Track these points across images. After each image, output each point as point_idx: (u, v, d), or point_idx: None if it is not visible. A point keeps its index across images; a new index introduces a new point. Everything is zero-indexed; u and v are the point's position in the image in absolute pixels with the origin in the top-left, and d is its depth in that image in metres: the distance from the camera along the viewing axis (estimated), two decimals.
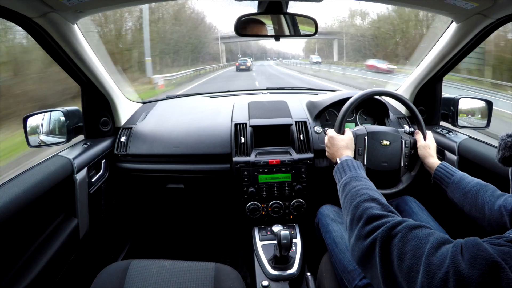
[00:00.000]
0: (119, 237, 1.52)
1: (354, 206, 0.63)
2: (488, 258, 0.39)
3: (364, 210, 0.60)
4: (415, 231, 0.50)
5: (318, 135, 1.27)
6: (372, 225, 0.56)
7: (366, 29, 30.42)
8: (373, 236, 0.53)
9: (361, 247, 0.55)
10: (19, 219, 0.78)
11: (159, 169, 1.28)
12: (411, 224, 0.52)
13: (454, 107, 1.25)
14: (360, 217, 0.59)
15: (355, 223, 0.60)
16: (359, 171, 0.76)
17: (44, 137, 1.12)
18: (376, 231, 0.54)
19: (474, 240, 0.43)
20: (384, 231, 0.52)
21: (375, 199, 0.64)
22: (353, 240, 0.59)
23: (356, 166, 0.78)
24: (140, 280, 0.85)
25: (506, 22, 0.92)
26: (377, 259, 0.51)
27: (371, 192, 0.66)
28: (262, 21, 1.00)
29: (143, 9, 12.99)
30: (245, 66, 22.56)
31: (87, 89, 1.20)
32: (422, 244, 0.47)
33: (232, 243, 1.65)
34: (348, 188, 0.70)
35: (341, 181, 0.75)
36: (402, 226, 0.51)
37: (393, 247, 0.49)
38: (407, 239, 0.49)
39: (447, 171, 0.87)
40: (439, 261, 0.43)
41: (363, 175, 0.75)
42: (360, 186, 0.69)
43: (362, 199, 0.64)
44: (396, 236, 0.50)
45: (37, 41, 0.93)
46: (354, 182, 0.71)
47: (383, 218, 0.56)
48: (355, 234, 0.58)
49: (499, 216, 0.70)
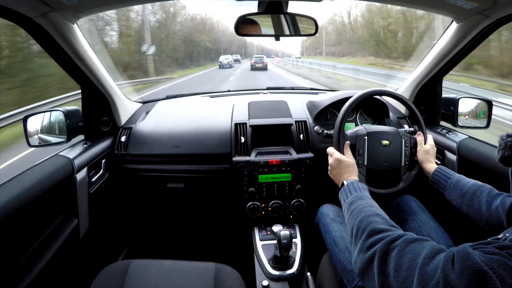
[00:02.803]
0: (119, 237, 1.52)
1: (359, 221, 0.65)
2: (475, 268, 0.41)
3: (368, 224, 0.62)
4: (412, 244, 0.51)
5: (318, 135, 1.27)
6: (374, 238, 0.57)
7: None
8: (373, 249, 0.55)
9: (362, 259, 0.57)
10: (19, 219, 0.78)
11: (159, 169, 1.28)
12: (409, 238, 0.53)
13: (454, 107, 1.25)
14: (364, 230, 0.61)
15: (359, 236, 0.62)
16: (364, 192, 0.78)
17: (44, 137, 1.12)
18: (377, 244, 0.55)
19: (464, 249, 0.45)
20: (384, 245, 0.54)
21: (379, 215, 0.65)
22: (356, 252, 0.60)
23: (362, 188, 0.80)
24: (140, 280, 0.85)
25: (506, 22, 0.92)
26: (375, 270, 0.52)
27: (375, 209, 0.69)
28: (262, 20, 1.00)
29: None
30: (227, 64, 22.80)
31: (87, 89, 1.20)
32: (418, 255, 0.48)
33: (232, 243, 1.65)
34: (354, 206, 0.72)
35: (347, 200, 0.77)
36: (401, 240, 0.53)
37: (390, 260, 0.51)
38: (404, 252, 0.50)
39: (444, 174, 0.88)
40: (432, 271, 0.44)
41: (369, 196, 0.77)
42: (365, 204, 0.71)
43: (367, 214, 0.66)
44: (395, 250, 0.52)
45: (37, 41, 0.92)
46: (360, 201, 0.73)
47: (385, 232, 0.58)
48: (358, 246, 0.60)
49: (496, 216, 0.71)
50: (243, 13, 0.96)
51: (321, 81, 12.19)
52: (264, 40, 48.19)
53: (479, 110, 1.24)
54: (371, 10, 25.00)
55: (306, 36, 1.05)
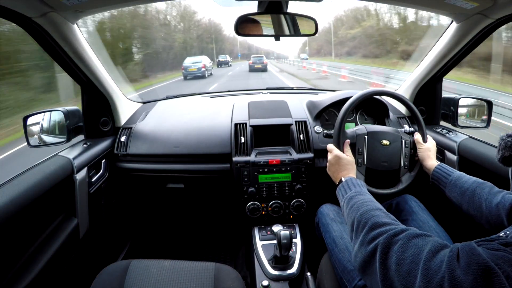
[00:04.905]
0: (119, 237, 1.52)
1: (360, 215, 0.64)
2: (481, 263, 0.40)
3: (369, 217, 0.62)
4: (416, 239, 0.51)
5: (318, 135, 1.27)
6: (376, 232, 0.57)
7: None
8: (375, 242, 0.55)
9: (363, 252, 0.56)
10: (19, 219, 0.78)
11: (159, 169, 1.28)
12: (413, 232, 0.53)
13: (454, 107, 1.25)
14: (365, 224, 0.61)
15: (360, 230, 0.61)
16: (363, 189, 0.78)
17: (44, 137, 1.12)
18: (379, 237, 0.55)
19: (469, 245, 0.44)
20: (386, 238, 0.53)
21: (380, 209, 0.65)
22: (357, 246, 0.60)
23: (360, 184, 0.80)
24: (140, 280, 0.85)
25: (506, 22, 0.92)
26: (377, 264, 0.52)
27: (376, 204, 0.68)
28: (262, 20, 1.00)
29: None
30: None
31: (87, 89, 1.20)
32: (421, 250, 0.48)
33: (232, 243, 1.65)
34: (354, 200, 0.72)
35: (345, 195, 0.77)
36: (404, 234, 0.53)
37: (392, 253, 0.50)
38: (407, 246, 0.50)
39: (445, 171, 0.88)
40: (437, 266, 0.44)
41: (367, 192, 0.77)
42: (365, 199, 0.70)
43: (368, 208, 0.65)
44: (397, 243, 0.51)
45: (37, 41, 0.92)
46: (360, 196, 0.73)
47: (387, 226, 0.57)
48: (359, 240, 0.59)
49: (497, 213, 0.70)
50: (243, 13, 0.96)
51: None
52: (252, 40, 43.31)
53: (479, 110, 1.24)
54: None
55: (306, 36, 1.05)
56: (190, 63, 15.00)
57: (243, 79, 14.67)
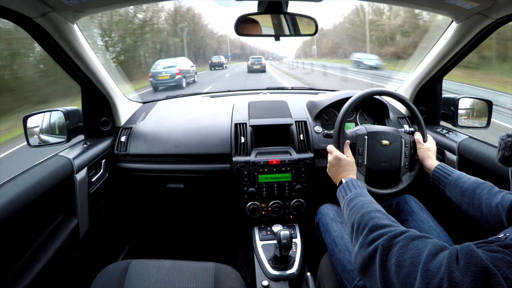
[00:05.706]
0: (119, 237, 1.52)
1: (360, 216, 0.64)
2: (480, 265, 0.40)
3: (370, 219, 0.62)
4: (415, 241, 0.51)
5: (318, 135, 1.27)
6: (376, 233, 0.57)
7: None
8: (375, 244, 0.55)
9: (363, 254, 0.56)
10: (19, 219, 0.78)
11: (159, 169, 1.28)
12: (412, 234, 0.53)
13: (454, 107, 1.25)
14: (365, 226, 0.61)
15: (360, 232, 0.61)
16: (363, 190, 0.78)
17: (44, 137, 1.12)
18: (379, 239, 0.55)
19: (468, 247, 0.45)
20: (386, 240, 0.53)
21: (380, 211, 0.65)
22: (357, 248, 0.60)
23: (361, 185, 0.80)
24: (140, 280, 0.85)
25: (506, 22, 0.92)
26: (377, 266, 0.52)
27: (376, 206, 0.68)
28: (262, 20, 1.00)
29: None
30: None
31: (87, 89, 1.20)
32: (421, 252, 0.48)
33: (232, 243, 1.65)
34: (354, 202, 0.72)
35: (346, 197, 0.77)
36: (404, 236, 0.53)
37: (392, 255, 0.51)
38: (407, 248, 0.50)
39: (445, 171, 0.88)
40: (436, 267, 0.44)
41: (367, 193, 0.77)
42: (366, 201, 0.70)
43: (368, 210, 0.65)
44: (397, 245, 0.51)
45: (37, 41, 0.92)
46: (360, 197, 0.73)
47: (387, 228, 0.57)
48: (359, 242, 0.59)
49: (496, 214, 0.70)
50: (243, 13, 0.96)
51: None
52: (246, 38, 41.41)
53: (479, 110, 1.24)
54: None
55: (306, 36, 1.05)
56: (160, 68, 11.11)
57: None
